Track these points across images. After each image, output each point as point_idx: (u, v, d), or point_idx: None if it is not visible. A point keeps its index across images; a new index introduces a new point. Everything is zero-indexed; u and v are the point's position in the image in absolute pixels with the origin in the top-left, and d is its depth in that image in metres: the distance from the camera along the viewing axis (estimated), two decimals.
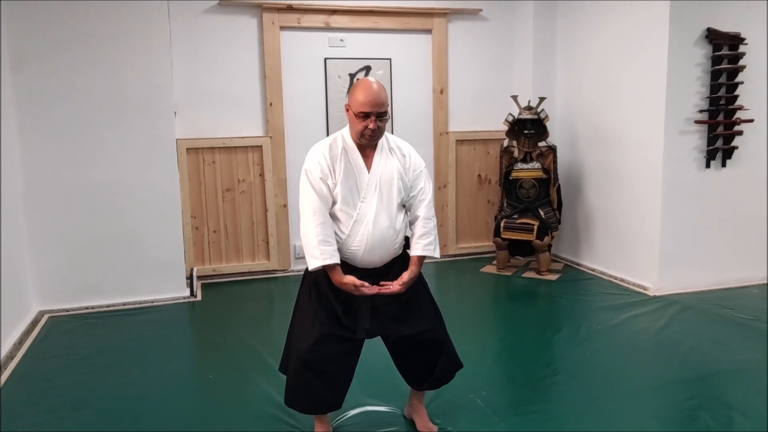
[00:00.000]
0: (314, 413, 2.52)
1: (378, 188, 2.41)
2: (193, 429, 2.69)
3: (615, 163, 4.85)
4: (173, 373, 3.30)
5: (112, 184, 4.31)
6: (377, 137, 2.40)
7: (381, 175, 2.43)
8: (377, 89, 2.35)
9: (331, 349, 2.38)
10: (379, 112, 2.33)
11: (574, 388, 3.04)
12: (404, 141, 2.56)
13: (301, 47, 5.08)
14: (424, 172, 2.53)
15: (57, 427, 2.71)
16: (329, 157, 2.39)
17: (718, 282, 4.58)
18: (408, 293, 2.44)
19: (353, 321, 2.41)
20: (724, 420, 2.68)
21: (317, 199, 2.36)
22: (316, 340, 2.36)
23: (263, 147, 5.02)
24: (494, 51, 5.61)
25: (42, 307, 4.25)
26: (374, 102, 2.32)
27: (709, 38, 4.29)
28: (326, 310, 2.41)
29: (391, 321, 2.45)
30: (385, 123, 2.40)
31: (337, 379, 2.45)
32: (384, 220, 2.41)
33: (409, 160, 2.49)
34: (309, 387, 2.40)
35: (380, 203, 2.41)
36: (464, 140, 5.60)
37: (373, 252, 2.42)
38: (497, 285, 4.92)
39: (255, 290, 4.86)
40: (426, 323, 2.49)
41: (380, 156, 2.44)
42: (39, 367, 3.38)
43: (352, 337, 2.41)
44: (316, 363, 2.36)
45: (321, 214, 2.36)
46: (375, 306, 2.42)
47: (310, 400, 2.44)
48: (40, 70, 4.08)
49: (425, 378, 2.59)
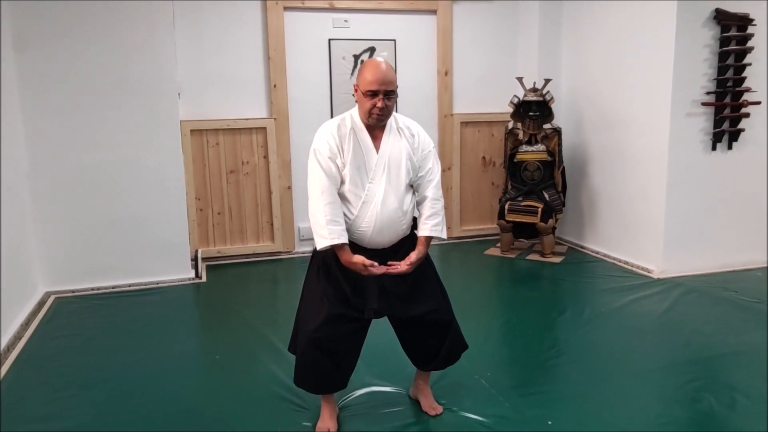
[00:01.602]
0: (321, 393, 2.54)
1: (386, 169, 2.40)
2: (200, 408, 2.72)
3: (620, 146, 4.83)
4: (180, 353, 3.33)
5: (117, 166, 4.31)
6: (385, 116, 2.39)
7: (389, 155, 2.42)
8: (385, 68, 2.34)
9: (339, 328, 2.39)
10: (387, 90, 2.32)
11: (578, 369, 3.05)
12: (413, 121, 2.54)
13: (305, 28, 5.04)
14: (433, 153, 2.52)
15: (67, 406, 2.74)
16: (338, 137, 2.39)
17: (723, 265, 4.58)
18: (415, 273, 2.45)
19: (361, 301, 2.42)
20: (728, 401, 2.70)
21: (326, 178, 2.35)
22: (324, 319, 2.37)
23: (267, 129, 5.00)
24: (499, 32, 5.56)
25: (48, 288, 4.27)
26: (382, 80, 2.30)
27: (717, 19, 4.24)
28: (335, 290, 2.42)
29: (398, 301, 2.46)
30: (393, 102, 2.38)
31: (344, 358, 2.47)
32: (392, 200, 2.41)
33: (418, 140, 2.47)
34: (317, 366, 2.42)
35: (389, 184, 2.41)
36: (469, 122, 5.57)
37: (382, 233, 2.42)
38: (501, 267, 4.93)
39: (260, 272, 4.88)
40: (432, 304, 2.50)
41: (389, 136, 2.43)
42: (46, 348, 3.41)
43: (359, 317, 2.43)
44: (324, 342, 2.38)
45: (329, 193, 2.35)
46: (383, 286, 2.43)
47: (317, 379, 2.46)
48: (43, 50, 4.06)
49: (431, 358, 2.60)
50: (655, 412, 2.63)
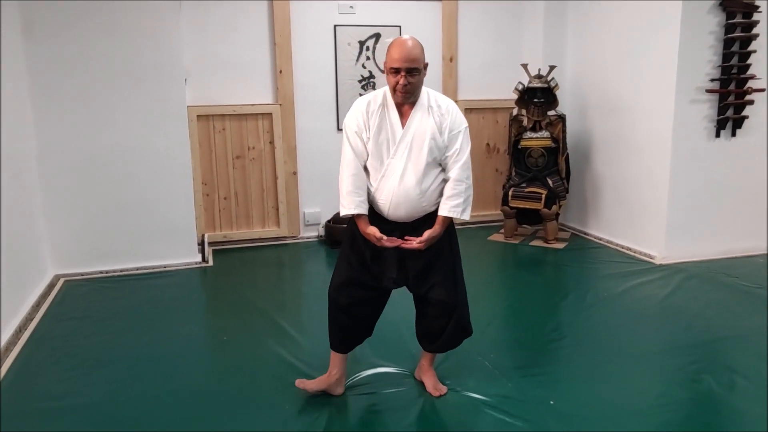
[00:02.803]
0: (334, 348, 2.67)
1: (409, 146, 2.44)
2: (208, 387, 2.77)
3: (624, 132, 4.85)
4: (188, 334, 3.39)
5: (124, 150, 4.36)
6: (410, 93, 2.41)
7: (414, 132, 2.44)
8: (410, 46, 2.36)
9: (356, 292, 2.56)
10: (410, 68, 2.35)
11: (580, 351, 3.10)
12: (448, 99, 2.54)
13: (311, 14, 5.06)
14: (463, 133, 2.49)
15: (79, 384, 2.80)
16: (366, 113, 2.46)
17: (725, 251, 4.62)
18: (431, 253, 2.51)
19: (381, 270, 2.53)
20: (727, 382, 2.75)
21: (351, 151, 2.47)
22: (344, 281, 2.56)
23: (273, 114, 5.03)
24: (504, 18, 5.57)
25: (57, 271, 4.33)
26: (405, 58, 2.34)
27: (722, 6, 4.25)
28: (357, 257, 2.56)
29: (415, 276, 2.55)
30: (418, 80, 2.39)
31: (360, 321, 2.62)
32: (411, 177, 2.45)
33: (448, 119, 2.46)
34: (335, 323, 2.63)
35: (409, 160, 2.44)
36: (473, 108, 5.59)
37: (398, 207, 2.48)
38: (504, 253, 4.97)
39: (265, 256, 4.93)
40: (439, 285, 2.55)
41: (417, 114, 2.45)
42: (57, 329, 3.47)
43: (378, 286, 2.55)
44: (341, 301, 2.57)
45: (354, 165, 2.47)
46: (403, 258, 2.52)
47: (335, 336, 2.65)
48: (52, 36, 4.09)
49: (434, 339, 2.67)
50: (656, 392, 2.69)
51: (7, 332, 3.23)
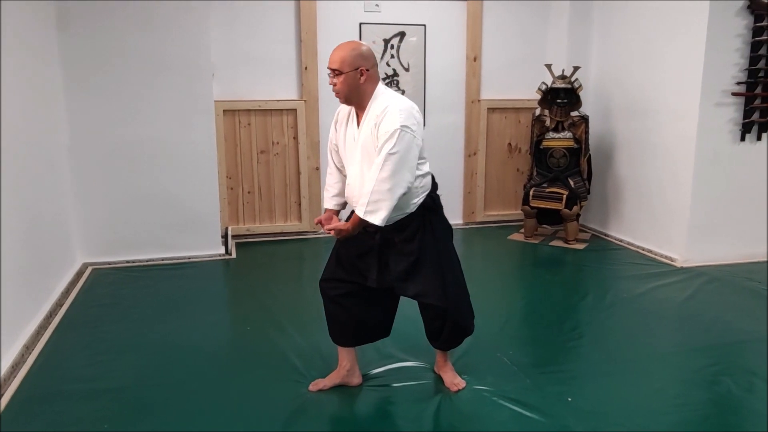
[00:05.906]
0: (335, 342, 2.74)
1: (361, 151, 2.43)
2: (233, 373, 2.85)
3: (648, 134, 4.83)
4: (212, 324, 3.47)
5: (153, 143, 4.45)
6: (340, 96, 2.42)
7: (363, 138, 2.41)
8: (339, 48, 2.39)
9: (343, 285, 2.63)
10: (331, 68, 2.39)
11: (597, 350, 3.13)
12: (398, 100, 2.38)
13: (337, 11, 5.12)
14: (393, 134, 2.27)
15: (108, 368, 2.90)
16: (336, 122, 2.60)
17: (747, 255, 4.59)
18: (412, 255, 2.49)
19: (366, 268, 2.57)
20: (746, 385, 2.75)
21: (329, 155, 2.67)
22: (331, 273, 2.66)
23: (297, 110, 5.10)
24: (529, 18, 5.57)
25: (86, 260, 4.45)
26: (330, 58, 2.40)
27: (750, 9, 4.22)
28: (346, 251, 2.61)
29: (396, 278, 2.53)
30: (344, 83, 2.36)
31: (355, 315, 2.65)
32: (368, 183, 2.35)
33: (381, 120, 2.32)
34: (329, 315, 2.70)
35: (363, 166, 2.42)
36: (496, 108, 5.61)
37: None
38: (524, 252, 4.99)
39: (287, 250, 5.01)
40: (424, 287, 2.50)
41: (366, 119, 2.41)
42: (86, 315, 3.58)
43: (362, 283, 2.58)
44: (329, 292, 2.66)
45: (332, 165, 2.66)
46: (386, 262, 2.53)
47: (332, 328, 2.72)
48: (85, 29, 4.20)
49: (435, 338, 2.71)
50: (673, 392, 2.70)
51: (39, 316, 3.34)
